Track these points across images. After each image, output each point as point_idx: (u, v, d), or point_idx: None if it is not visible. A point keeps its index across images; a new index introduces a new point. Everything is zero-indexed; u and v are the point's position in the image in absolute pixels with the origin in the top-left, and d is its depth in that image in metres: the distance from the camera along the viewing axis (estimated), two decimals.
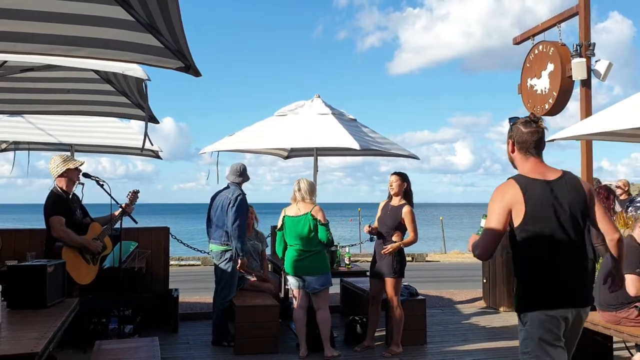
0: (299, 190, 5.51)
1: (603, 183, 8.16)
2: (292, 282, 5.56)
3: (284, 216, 5.57)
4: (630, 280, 4.36)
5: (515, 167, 3.04)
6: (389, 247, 5.41)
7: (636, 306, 4.48)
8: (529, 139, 2.93)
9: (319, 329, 5.47)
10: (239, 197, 5.83)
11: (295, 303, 5.60)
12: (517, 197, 2.81)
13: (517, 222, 2.83)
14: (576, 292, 2.86)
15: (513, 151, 3.00)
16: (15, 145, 7.58)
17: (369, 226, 5.70)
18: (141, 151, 6.60)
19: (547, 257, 2.83)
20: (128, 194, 5.52)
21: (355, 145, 6.26)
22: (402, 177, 5.62)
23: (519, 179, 2.88)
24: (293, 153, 8.84)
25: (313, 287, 5.40)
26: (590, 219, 2.94)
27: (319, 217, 5.40)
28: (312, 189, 5.53)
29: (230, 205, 5.83)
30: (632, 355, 5.15)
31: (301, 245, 5.42)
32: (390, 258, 5.44)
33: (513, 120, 3.04)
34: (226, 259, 5.85)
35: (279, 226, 5.64)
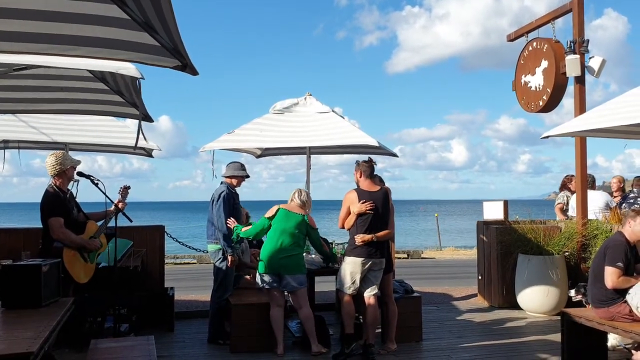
0: (299, 197, 5.59)
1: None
2: (267, 280, 5.45)
3: (278, 208, 5.55)
4: (608, 272, 4.57)
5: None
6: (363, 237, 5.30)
7: (626, 300, 4.51)
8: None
9: (304, 326, 5.50)
10: (221, 194, 5.81)
11: (273, 302, 5.51)
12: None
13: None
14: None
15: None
16: (5, 144, 7.50)
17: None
18: (134, 149, 6.58)
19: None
20: (119, 190, 5.53)
21: (373, 142, 6.29)
22: (382, 181, 5.79)
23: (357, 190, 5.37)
24: (266, 152, 8.76)
25: (292, 285, 5.42)
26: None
27: (312, 223, 5.58)
28: (309, 202, 5.68)
29: (214, 202, 5.84)
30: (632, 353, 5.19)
31: (287, 243, 5.41)
32: None
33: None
34: (220, 258, 5.83)
35: (270, 214, 5.53)
